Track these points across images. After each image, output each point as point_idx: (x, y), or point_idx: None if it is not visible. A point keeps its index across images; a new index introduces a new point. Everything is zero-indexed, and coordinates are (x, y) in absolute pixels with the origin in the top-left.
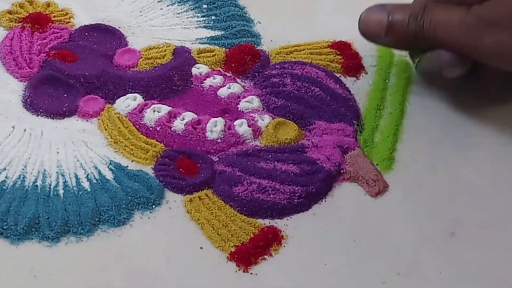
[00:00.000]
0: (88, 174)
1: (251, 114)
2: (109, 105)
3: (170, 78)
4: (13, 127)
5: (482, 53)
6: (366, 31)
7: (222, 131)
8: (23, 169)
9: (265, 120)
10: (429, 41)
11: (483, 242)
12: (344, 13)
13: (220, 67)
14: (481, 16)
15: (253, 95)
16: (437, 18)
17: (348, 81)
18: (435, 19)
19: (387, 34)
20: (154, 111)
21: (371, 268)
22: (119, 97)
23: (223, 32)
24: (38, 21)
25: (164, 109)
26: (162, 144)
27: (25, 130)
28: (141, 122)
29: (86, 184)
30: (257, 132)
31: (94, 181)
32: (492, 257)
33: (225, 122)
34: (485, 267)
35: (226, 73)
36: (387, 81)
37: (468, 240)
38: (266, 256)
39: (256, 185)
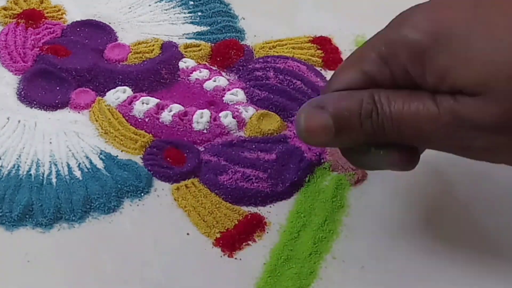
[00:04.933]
0: (79, 163)
1: (235, 106)
2: (100, 98)
3: (158, 72)
4: (7, 119)
5: (470, 154)
6: (313, 141)
7: (208, 122)
8: (17, 158)
9: (249, 112)
10: (392, 139)
11: (458, 228)
12: (324, 9)
13: (206, 61)
14: (463, 117)
15: (238, 87)
16: (399, 116)
17: (328, 74)
18: (396, 117)
19: (337, 139)
20: (142, 103)
21: (350, 253)
22: (110, 89)
23: (208, 27)
24: (31, 17)
25: (153, 101)
26: (150, 135)
27: (19, 121)
28: (131, 114)
29: (77, 173)
30: (241, 123)
31: (86, 170)
32: (467, 243)
33: (211, 113)
34: (460, 253)
35: (211, 67)
36: None
37: (443, 227)
38: (250, 242)
39: (240, 174)
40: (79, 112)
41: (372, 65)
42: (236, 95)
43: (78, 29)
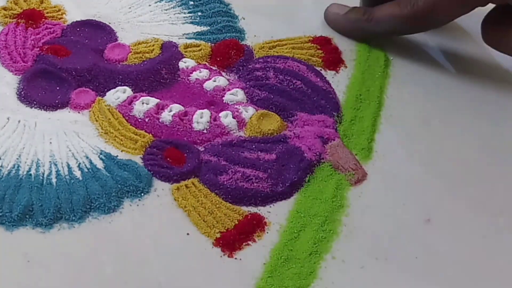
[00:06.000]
0: (79, 164)
1: (235, 106)
2: (100, 98)
3: (158, 72)
4: (8, 119)
5: None
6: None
7: (208, 122)
8: (17, 158)
9: (249, 112)
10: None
11: (457, 229)
12: (324, 9)
13: (206, 61)
14: None
15: (238, 87)
16: None
17: (328, 74)
18: None
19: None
20: (142, 103)
21: (350, 253)
22: (110, 89)
23: (208, 27)
24: (32, 17)
25: (153, 101)
26: (150, 135)
27: (19, 121)
28: (131, 114)
29: (77, 173)
30: (241, 123)
31: (86, 170)
32: (466, 243)
33: (211, 113)
34: (459, 253)
35: (211, 66)
36: (365, 74)
37: (443, 227)
38: (250, 242)
39: (240, 174)
40: (79, 112)
41: None
42: (236, 95)
43: (78, 29)
